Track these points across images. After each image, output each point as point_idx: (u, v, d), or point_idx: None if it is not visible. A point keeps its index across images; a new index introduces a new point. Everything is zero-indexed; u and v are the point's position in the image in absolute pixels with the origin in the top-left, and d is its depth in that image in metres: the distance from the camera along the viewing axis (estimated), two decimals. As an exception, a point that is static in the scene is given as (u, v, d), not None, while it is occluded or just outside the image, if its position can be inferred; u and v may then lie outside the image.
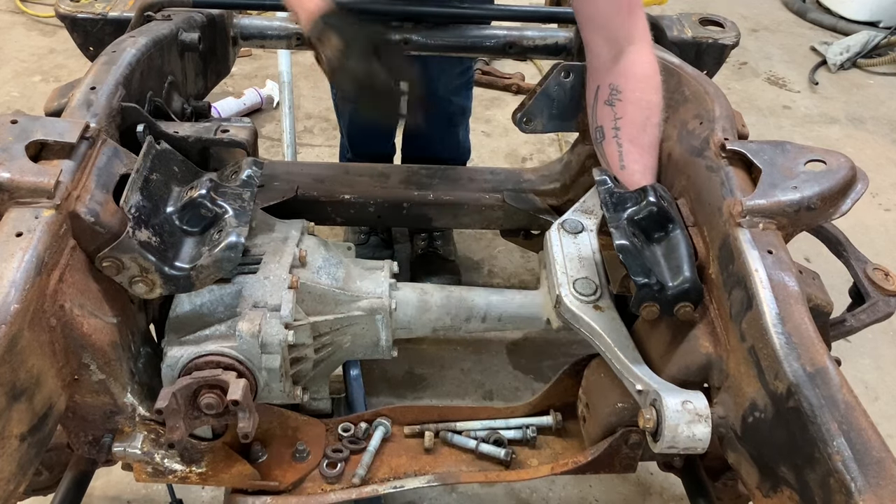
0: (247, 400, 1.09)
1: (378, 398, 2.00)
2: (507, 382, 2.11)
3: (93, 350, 1.07)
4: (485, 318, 1.42)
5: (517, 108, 1.72)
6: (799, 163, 1.17)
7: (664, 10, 3.33)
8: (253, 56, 3.56)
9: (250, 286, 1.21)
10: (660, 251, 1.21)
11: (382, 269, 1.42)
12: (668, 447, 1.05)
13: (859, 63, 3.88)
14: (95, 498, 1.74)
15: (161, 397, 1.06)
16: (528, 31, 1.94)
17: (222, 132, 1.32)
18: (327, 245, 1.40)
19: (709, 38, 1.79)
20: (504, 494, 1.81)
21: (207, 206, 1.20)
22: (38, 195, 1.02)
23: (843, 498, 0.85)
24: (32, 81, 3.33)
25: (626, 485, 1.86)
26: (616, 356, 1.17)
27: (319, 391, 1.39)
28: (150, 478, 1.21)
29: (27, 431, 0.98)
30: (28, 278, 0.95)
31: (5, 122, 1.10)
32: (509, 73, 3.48)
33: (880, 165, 3.15)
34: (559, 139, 3.11)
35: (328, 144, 3.06)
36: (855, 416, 0.90)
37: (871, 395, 2.13)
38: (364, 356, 1.42)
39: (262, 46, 2.03)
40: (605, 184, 1.28)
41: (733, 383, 1.09)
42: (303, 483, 1.25)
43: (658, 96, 1.41)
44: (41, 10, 3.83)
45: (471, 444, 1.33)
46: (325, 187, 1.86)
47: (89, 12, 1.71)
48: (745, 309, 1.05)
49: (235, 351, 1.15)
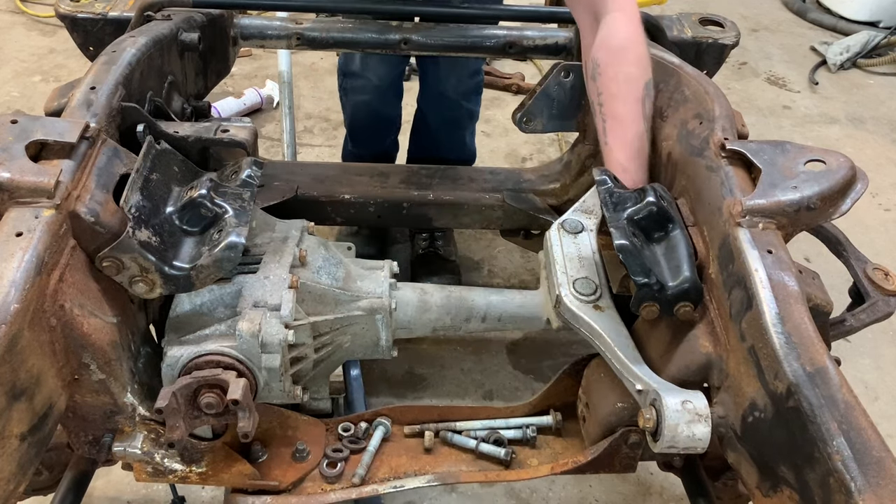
0: (247, 399, 1.09)
1: (378, 398, 2.00)
2: (507, 382, 2.11)
3: (93, 350, 1.07)
4: (485, 318, 1.42)
5: (517, 108, 1.72)
6: (799, 163, 1.17)
7: (664, 9, 3.32)
8: (253, 56, 3.56)
9: (250, 286, 1.21)
10: (660, 251, 1.21)
11: (382, 268, 1.42)
12: (667, 447, 1.05)
13: (859, 63, 3.88)
14: (95, 498, 1.74)
15: (161, 397, 1.06)
16: (528, 31, 1.94)
17: (222, 132, 1.32)
18: (327, 245, 1.40)
19: (709, 38, 1.79)
20: (504, 494, 1.81)
21: (207, 206, 1.20)
22: (38, 195, 1.02)
23: (843, 497, 0.85)
24: (32, 81, 3.33)
25: (626, 485, 1.86)
26: (616, 356, 1.17)
27: (319, 391, 1.39)
28: (150, 477, 1.21)
29: (27, 431, 0.98)
30: (28, 278, 0.95)
31: (5, 122, 1.10)
32: (509, 73, 3.48)
33: (880, 165, 3.15)
34: (559, 139, 3.11)
35: (328, 144, 3.06)
36: (855, 415, 0.90)
37: (871, 395, 2.13)
38: (364, 356, 1.42)
39: (262, 46, 2.03)
40: (604, 183, 1.28)
41: (733, 383, 1.09)
42: (303, 483, 1.25)
43: (636, 68, 1.40)
44: (41, 10, 3.83)
45: (471, 444, 1.33)
46: (325, 187, 1.86)
47: (89, 12, 1.71)
48: (745, 309, 1.05)
49: (235, 350, 1.15)
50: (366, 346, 1.38)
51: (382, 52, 1.93)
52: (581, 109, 1.70)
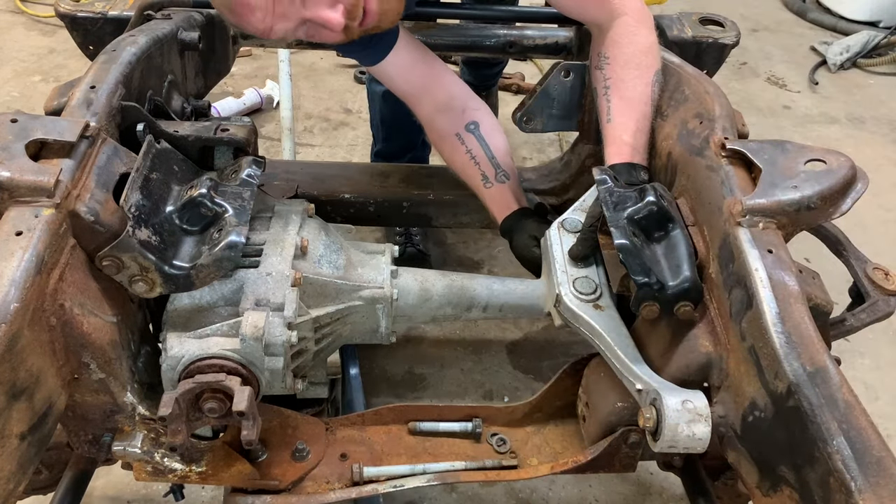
0: (252, 410, 1.08)
1: (378, 398, 2.00)
2: (507, 382, 2.11)
3: (93, 349, 1.07)
4: (486, 307, 1.41)
5: (517, 108, 1.72)
6: (799, 162, 1.17)
7: (664, 9, 3.31)
8: (253, 56, 3.55)
9: (252, 282, 1.19)
10: (660, 250, 1.21)
11: (383, 253, 1.40)
12: (667, 446, 1.05)
13: (859, 63, 3.88)
14: (95, 498, 1.74)
15: (164, 403, 1.06)
16: (528, 31, 1.95)
17: (222, 131, 1.32)
18: (328, 229, 1.38)
19: (709, 38, 1.79)
20: (504, 494, 1.81)
21: (207, 205, 1.19)
22: (37, 194, 1.02)
23: (843, 497, 0.85)
24: (32, 81, 3.32)
25: (625, 485, 1.86)
26: (616, 355, 1.17)
27: (317, 375, 1.38)
28: (149, 477, 1.20)
29: (27, 430, 0.98)
30: (28, 277, 0.95)
31: (5, 121, 1.10)
32: (509, 72, 3.47)
33: (880, 165, 3.15)
34: (559, 139, 3.11)
35: (328, 144, 3.06)
36: (855, 415, 0.90)
37: (871, 394, 2.13)
38: (362, 341, 1.41)
39: (262, 46, 2.04)
40: (604, 183, 1.28)
41: (733, 382, 1.08)
42: (303, 482, 1.25)
43: (647, 57, 1.44)
44: (41, 10, 3.83)
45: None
46: (325, 186, 1.86)
47: (89, 11, 1.71)
48: (745, 308, 1.05)
49: (239, 354, 1.14)
50: (365, 333, 1.38)
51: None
52: (581, 109, 1.70)
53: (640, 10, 1.48)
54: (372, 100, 2.35)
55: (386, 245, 1.43)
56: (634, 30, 1.46)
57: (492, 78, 2.73)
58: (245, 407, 1.06)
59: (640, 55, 1.44)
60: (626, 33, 1.46)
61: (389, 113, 2.30)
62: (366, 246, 1.43)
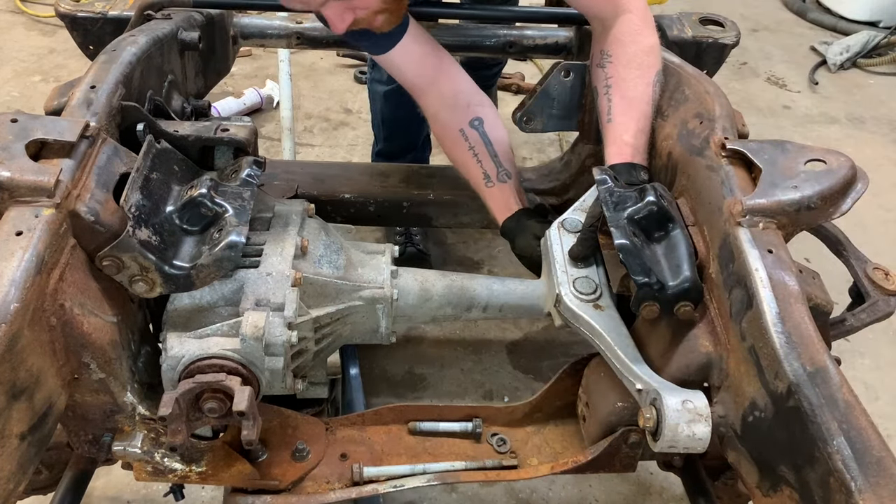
0: (252, 409, 1.08)
1: (378, 398, 2.00)
2: (507, 382, 2.11)
3: (93, 349, 1.07)
4: (486, 307, 1.41)
5: (517, 108, 1.72)
6: (799, 162, 1.17)
7: (664, 9, 3.32)
8: (253, 56, 3.56)
9: (252, 282, 1.20)
10: (660, 250, 1.21)
11: (383, 253, 1.40)
12: (668, 446, 1.05)
13: (859, 63, 3.88)
14: (95, 498, 1.74)
15: (164, 403, 1.06)
16: (528, 31, 1.95)
17: (222, 131, 1.32)
18: (328, 229, 1.38)
19: (709, 38, 1.79)
20: (504, 494, 1.81)
21: (207, 205, 1.19)
22: (38, 194, 1.02)
23: (843, 497, 0.85)
24: (32, 81, 3.33)
25: (625, 484, 1.86)
26: (616, 355, 1.17)
27: (317, 375, 1.38)
28: (149, 477, 1.20)
29: (27, 430, 0.98)
30: (28, 277, 0.95)
31: (5, 121, 1.10)
32: (509, 72, 3.47)
33: (880, 165, 3.15)
34: (559, 139, 3.11)
35: (328, 144, 3.06)
36: (855, 415, 0.90)
37: (871, 394, 2.13)
38: (362, 341, 1.41)
39: (262, 46, 2.04)
40: (605, 183, 1.28)
41: (733, 382, 1.08)
42: (303, 482, 1.25)
43: (649, 57, 1.44)
44: (41, 10, 3.83)
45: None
46: (325, 186, 1.86)
47: (89, 11, 1.71)
48: (745, 308, 1.05)
49: (239, 354, 1.14)
50: (365, 332, 1.38)
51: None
52: (581, 109, 1.70)
53: (644, 10, 1.48)
54: (373, 99, 2.35)
55: (386, 245, 1.43)
56: (639, 29, 1.46)
57: (490, 79, 2.73)
58: (245, 407, 1.06)
59: (642, 55, 1.44)
60: (630, 32, 1.45)
61: (391, 113, 2.30)
62: (366, 246, 1.43)
